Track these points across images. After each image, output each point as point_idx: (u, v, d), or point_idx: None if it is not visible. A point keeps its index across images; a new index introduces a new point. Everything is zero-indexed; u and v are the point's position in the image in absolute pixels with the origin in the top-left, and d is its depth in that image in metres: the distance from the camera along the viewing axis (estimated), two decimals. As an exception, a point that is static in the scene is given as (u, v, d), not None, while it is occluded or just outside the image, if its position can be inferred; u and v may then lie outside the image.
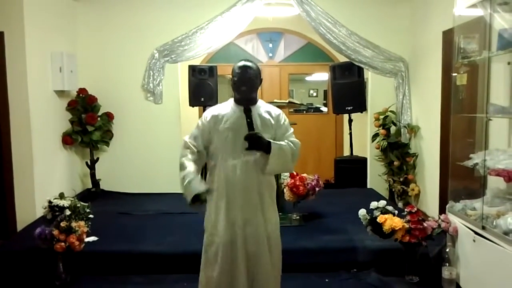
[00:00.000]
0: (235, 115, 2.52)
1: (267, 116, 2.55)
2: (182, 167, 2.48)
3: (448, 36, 4.07)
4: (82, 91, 5.12)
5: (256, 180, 2.50)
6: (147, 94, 5.34)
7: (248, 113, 2.47)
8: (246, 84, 2.50)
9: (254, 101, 2.57)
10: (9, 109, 4.07)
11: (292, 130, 2.62)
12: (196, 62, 5.72)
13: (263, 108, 2.58)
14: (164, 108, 5.36)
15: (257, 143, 2.43)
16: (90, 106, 5.12)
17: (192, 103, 5.31)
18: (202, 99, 5.23)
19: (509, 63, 3.17)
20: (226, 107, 2.57)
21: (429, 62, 4.79)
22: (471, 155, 3.12)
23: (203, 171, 2.69)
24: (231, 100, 2.60)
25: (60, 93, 4.85)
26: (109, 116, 5.29)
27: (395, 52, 5.25)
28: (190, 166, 2.46)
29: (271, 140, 2.47)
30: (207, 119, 2.55)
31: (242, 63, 2.53)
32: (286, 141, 2.52)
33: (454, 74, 3.52)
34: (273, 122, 2.55)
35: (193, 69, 5.30)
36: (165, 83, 5.33)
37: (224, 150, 2.50)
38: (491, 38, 2.96)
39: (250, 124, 2.45)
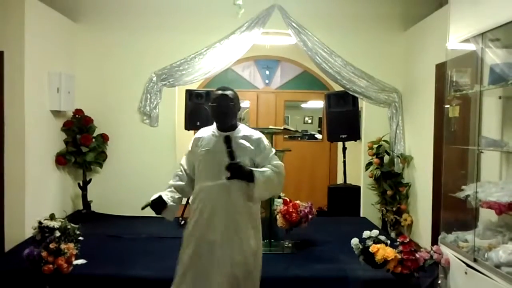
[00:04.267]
0: (214, 140, 2.57)
1: (245, 142, 2.56)
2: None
3: (441, 69, 4.16)
4: (78, 111, 5.14)
5: (231, 203, 2.51)
6: (143, 117, 5.36)
7: (228, 142, 2.49)
8: (224, 112, 2.56)
9: (233, 127, 2.61)
10: (4, 127, 4.07)
11: (273, 151, 2.63)
12: (193, 86, 5.77)
13: (243, 132, 2.61)
14: (159, 131, 5.38)
15: (239, 172, 2.44)
16: (86, 127, 5.13)
17: (188, 127, 5.33)
18: (198, 123, 5.23)
19: (500, 97, 3.24)
20: (208, 131, 2.65)
21: (422, 94, 4.87)
22: (463, 187, 3.14)
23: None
24: (215, 124, 2.65)
25: (56, 113, 4.87)
26: (104, 138, 5.29)
27: (389, 83, 5.34)
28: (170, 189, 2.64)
29: (253, 169, 2.47)
30: (192, 142, 2.68)
31: (219, 92, 2.61)
32: (269, 166, 2.52)
33: (446, 106, 3.57)
34: (252, 147, 2.56)
35: (190, 94, 5.35)
36: (161, 106, 5.36)
37: (202, 172, 2.57)
38: (483, 72, 3.02)
39: (231, 153, 2.46)
